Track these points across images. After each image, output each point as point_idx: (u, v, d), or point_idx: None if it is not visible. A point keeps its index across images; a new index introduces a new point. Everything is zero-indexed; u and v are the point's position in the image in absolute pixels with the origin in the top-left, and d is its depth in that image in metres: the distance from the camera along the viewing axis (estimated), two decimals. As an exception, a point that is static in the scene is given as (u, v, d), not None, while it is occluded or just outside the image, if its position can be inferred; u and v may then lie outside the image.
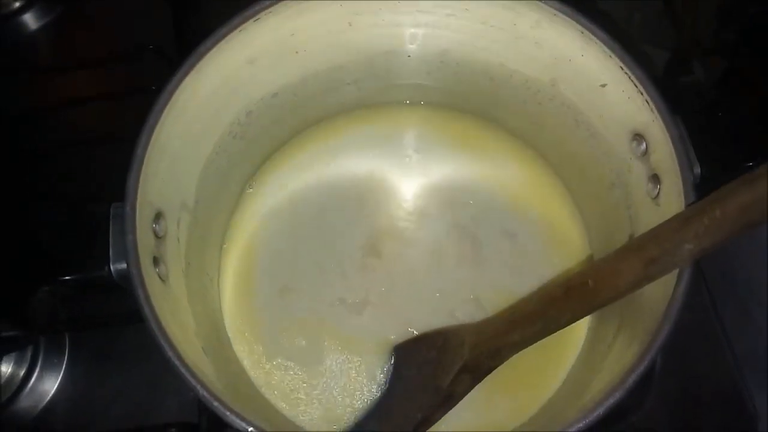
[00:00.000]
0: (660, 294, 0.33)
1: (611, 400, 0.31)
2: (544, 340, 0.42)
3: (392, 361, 0.43)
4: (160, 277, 0.35)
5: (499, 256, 0.46)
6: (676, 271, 0.32)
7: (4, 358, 0.46)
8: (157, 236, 0.36)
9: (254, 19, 0.38)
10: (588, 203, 0.46)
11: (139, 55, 0.57)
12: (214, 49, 0.37)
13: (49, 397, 0.48)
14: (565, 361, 0.43)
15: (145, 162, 0.34)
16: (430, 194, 0.48)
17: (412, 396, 0.40)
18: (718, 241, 0.30)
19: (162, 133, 0.36)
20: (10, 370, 0.48)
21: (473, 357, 0.39)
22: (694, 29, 0.62)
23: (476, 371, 0.39)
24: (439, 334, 0.43)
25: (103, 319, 0.48)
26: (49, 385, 0.49)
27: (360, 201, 0.48)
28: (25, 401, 0.48)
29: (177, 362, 0.31)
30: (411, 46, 0.45)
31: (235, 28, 0.37)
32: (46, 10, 0.60)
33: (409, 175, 0.49)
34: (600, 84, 0.39)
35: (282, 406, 0.42)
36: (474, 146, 0.49)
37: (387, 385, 0.42)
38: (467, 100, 0.49)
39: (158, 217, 0.36)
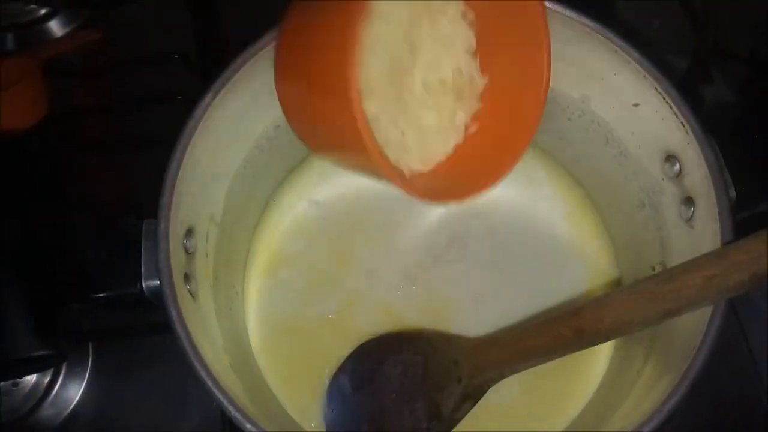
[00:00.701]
0: (692, 324, 0.33)
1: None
2: (569, 363, 0.42)
3: (368, 358, 0.42)
4: (190, 294, 0.35)
5: (520, 275, 0.45)
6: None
7: (29, 368, 0.46)
8: (187, 252, 0.36)
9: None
10: (616, 223, 0.45)
11: (162, 62, 0.57)
12: (247, 65, 0.37)
13: (72, 406, 0.49)
14: (590, 384, 0.42)
15: (178, 180, 0.34)
16: (455, 207, 0.47)
17: (410, 411, 0.40)
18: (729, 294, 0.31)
19: (194, 149, 0.36)
20: (34, 378, 0.48)
21: (474, 384, 0.39)
22: (715, 35, 0.61)
23: (477, 396, 0.39)
24: (420, 336, 0.42)
25: (128, 330, 0.48)
26: (72, 393, 0.49)
27: (384, 211, 0.47)
28: (48, 410, 0.48)
29: (209, 382, 0.31)
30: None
31: (268, 44, 0.37)
32: (71, 17, 0.60)
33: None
34: (633, 103, 0.39)
35: (306, 423, 0.41)
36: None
37: (372, 382, 0.41)
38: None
39: (189, 233, 0.36)
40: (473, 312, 0.44)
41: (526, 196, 0.47)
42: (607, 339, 0.34)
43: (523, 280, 0.45)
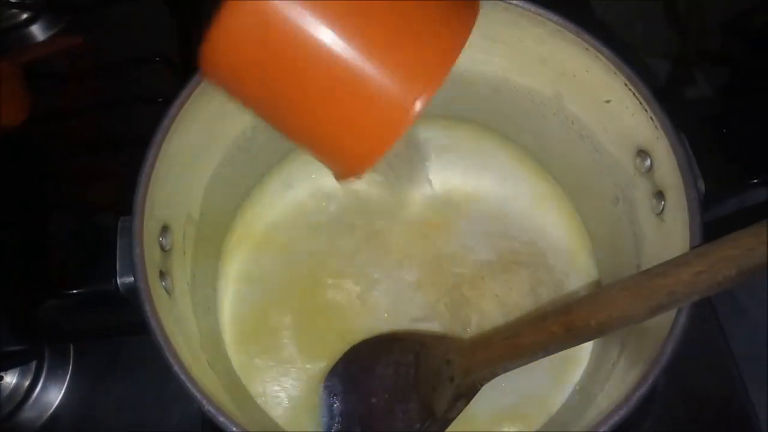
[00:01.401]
0: (662, 317, 0.33)
1: (615, 419, 0.31)
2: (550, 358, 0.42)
3: (360, 359, 0.42)
4: (166, 291, 0.36)
5: (501, 271, 0.46)
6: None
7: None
8: (163, 250, 0.36)
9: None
10: (593, 218, 0.46)
11: (145, 64, 0.58)
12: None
13: (53, 408, 0.48)
14: (569, 379, 0.43)
15: (153, 176, 0.34)
16: (432, 204, 0.48)
17: (403, 411, 0.40)
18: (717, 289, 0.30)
19: (170, 147, 0.36)
20: (14, 380, 0.48)
21: (467, 383, 0.38)
22: (698, 39, 0.62)
23: (470, 395, 0.39)
24: (412, 336, 0.42)
25: (108, 329, 0.48)
26: (53, 395, 0.49)
27: (361, 211, 0.47)
28: (29, 412, 0.48)
29: (183, 377, 0.31)
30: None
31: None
32: (53, 21, 0.60)
33: (411, 185, 0.48)
34: (605, 100, 0.40)
35: (281, 419, 0.41)
36: (478, 156, 0.49)
37: (364, 383, 0.41)
38: (471, 111, 0.49)
39: (165, 230, 0.37)
40: (452, 307, 0.45)
41: (505, 193, 0.48)
42: (599, 335, 0.34)
43: (503, 276, 0.45)
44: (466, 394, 0.39)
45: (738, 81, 0.58)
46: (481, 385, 0.39)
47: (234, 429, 0.31)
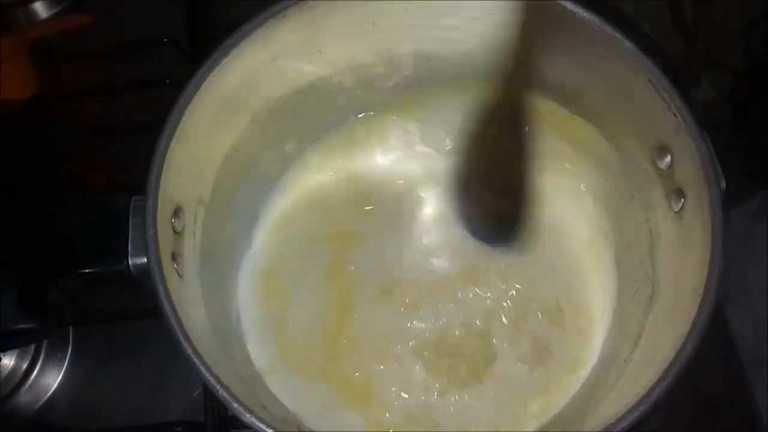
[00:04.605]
0: (682, 316, 0.33)
1: (631, 417, 0.31)
2: (559, 355, 0.43)
3: None
4: (178, 273, 0.35)
5: (514, 261, 0.45)
6: (699, 295, 0.32)
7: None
8: (175, 231, 0.36)
9: (282, 15, 0.37)
10: (608, 212, 0.45)
11: (153, 46, 0.57)
12: (240, 45, 0.37)
13: (50, 392, 0.48)
14: (577, 375, 0.42)
15: (167, 157, 0.34)
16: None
17: None
18: None
19: (185, 128, 0.35)
20: (12, 362, 0.47)
21: None
22: (705, 42, 0.62)
23: None
24: None
25: (111, 314, 0.48)
26: (51, 379, 0.48)
27: (379, 201, 0.47)
28: (26, 395, 0.47)
29: (197, 360, 0.31)
30: (434, 48, 0.44)
31: (262, 23, 0.37)
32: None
33: (431, 174, 0.48)
34: (625, 95, 0.39)
35: (295, 407, 0.41)
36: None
37: None
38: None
39: (177, 212, 0.36)
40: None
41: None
42: None
43: (519, 262, 0.45)
44: None
45: (749, 82, 0.57)
46: None
47: (247, 416, 0.30)
